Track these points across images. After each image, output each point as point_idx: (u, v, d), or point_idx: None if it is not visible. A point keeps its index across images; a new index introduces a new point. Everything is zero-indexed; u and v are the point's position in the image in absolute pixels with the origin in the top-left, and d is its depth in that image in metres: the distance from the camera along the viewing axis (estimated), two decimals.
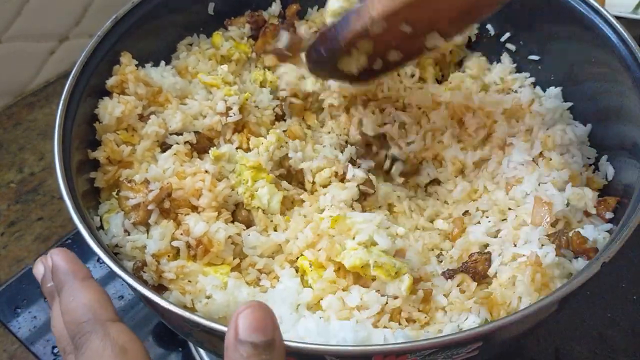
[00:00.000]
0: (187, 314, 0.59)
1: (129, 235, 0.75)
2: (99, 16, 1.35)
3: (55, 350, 0.96)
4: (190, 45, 0.98)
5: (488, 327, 0.57)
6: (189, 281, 0.72)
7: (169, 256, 0.73)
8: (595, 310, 0.98)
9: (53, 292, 0.59)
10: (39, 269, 0.61)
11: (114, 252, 0.74)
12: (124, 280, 0.63)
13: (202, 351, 0.95)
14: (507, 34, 0.97)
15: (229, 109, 0.86)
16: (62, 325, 0.57)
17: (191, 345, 0.96)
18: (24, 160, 1.22)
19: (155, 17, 0.91)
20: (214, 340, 0.61)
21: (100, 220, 0.78)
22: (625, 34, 0.78)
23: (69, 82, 0.78)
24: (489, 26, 0.99)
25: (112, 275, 1.05)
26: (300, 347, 0.56)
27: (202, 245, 0.73)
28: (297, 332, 0.66)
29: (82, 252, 1.06)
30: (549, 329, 0.96)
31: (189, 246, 0.73)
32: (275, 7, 1.00)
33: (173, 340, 0.97)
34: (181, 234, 0.73)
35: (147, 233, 0.75)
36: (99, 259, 1.05)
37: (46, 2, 1.26)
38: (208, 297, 0.70)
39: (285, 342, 0.52)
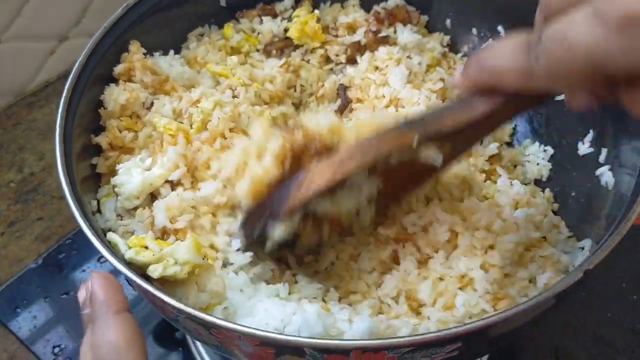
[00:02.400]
0: (170, 300, 0.59)
1: (121, 219, 0.76)
2: (99, 16, 1.35)
3: (56, 350, 0.96)
4: (201, 35, 0.97)
5: (467, 327, 0.57)
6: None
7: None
8: (595, 310, 0.99)
9: (87, 320, 0.58)
10: (81, 293, 0.60)
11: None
12: (111, 262, 0.63)
13: (202, 350, 0.95)
14: None
15: (235, 97, 0.86)
16: (89, 355, 0.56)
17: (191, 344, 0.96)
18: (24, 160, 1.22)
19: (166, 6, 0.91)
20: (198, 328, 0.62)
21: (98, 204, 0.78)
22: None
23: (75, 67, 0.78)
24: (500, 27, 0.98)
25: (115, 274, 1.05)
26: (279, 339, 0.56)
27: (167, 233, 0.73)
28: (258, 315, 0.66)
29: (83, 252, 1.08)
30: (549, 329, 0.96)
31: (156, 237, 0.73)
32: (288, 1, 1.00)
33: (173, 340, 0.97)
34: (149, 225, 0.73)
35: None
36: (99, 258, 1.06)
37: (46, 2, 1.26)
38: None
39: (264, 333, 0.52)
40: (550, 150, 0.93)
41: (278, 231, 0.66)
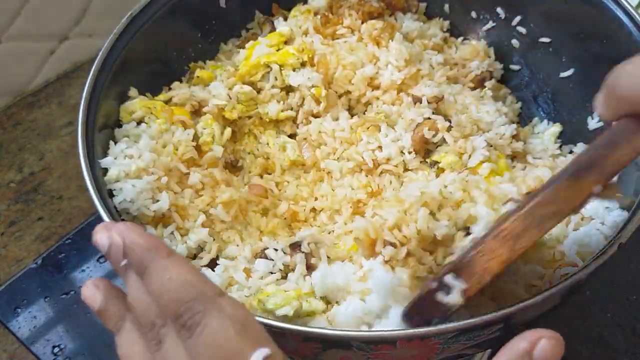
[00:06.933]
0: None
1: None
2: (99, 16, 1.35)
3: (56, 350, 0.96)
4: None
5: (509, 310, 0.59)
6: None
7: None
8: (595, 310, 0.98)
9: (124, 271, 0.53)
10: (102, 239, 0.53)
11: (122, 219, 0.75)
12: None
13: None
14: (518, 17, 0.97)
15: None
16: (145, 298, 0.51)
17: None
18: (24, 160, 1.22)
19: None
20: None
21: None
22: (636, 14, 0.78)
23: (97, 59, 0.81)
24: (499, 9, 0.99)
25: (113, 275, 1.05)
26: (325, 334, 0.57)
27: None
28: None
29: (83, 252, 1.08)
30: (549, 329, 0.96)
31: None
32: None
33: None
34: None
35: None
36: (98, 258, 1.06)
37: (46, 2, 1.26)
38: None
39: (310, 328, 0.52)
40: (559, 126, 0.94)
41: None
